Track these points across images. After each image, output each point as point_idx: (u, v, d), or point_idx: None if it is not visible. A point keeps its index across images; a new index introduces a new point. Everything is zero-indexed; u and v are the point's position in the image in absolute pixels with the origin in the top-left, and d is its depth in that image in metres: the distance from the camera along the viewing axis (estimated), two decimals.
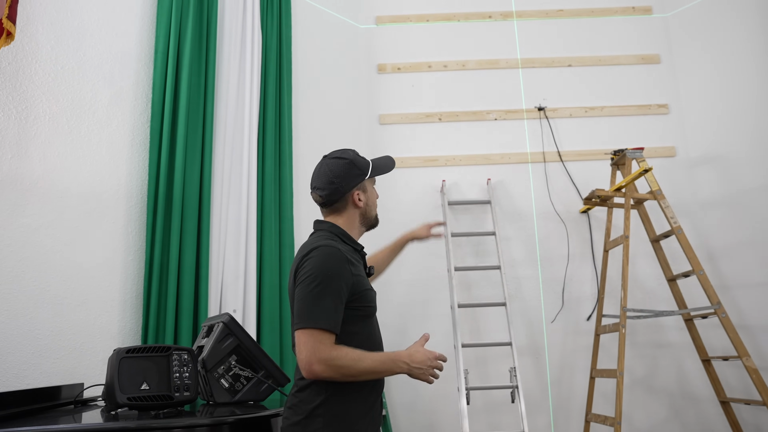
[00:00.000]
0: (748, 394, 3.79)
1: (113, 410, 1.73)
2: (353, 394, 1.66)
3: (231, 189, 3.31)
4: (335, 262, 1.65)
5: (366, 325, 1.74)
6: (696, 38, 4.30)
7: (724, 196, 4.03)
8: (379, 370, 1.64)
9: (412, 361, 1.65)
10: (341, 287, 1.63)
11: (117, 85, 3.08)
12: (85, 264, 2.81)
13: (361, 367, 1.60)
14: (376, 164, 1.91)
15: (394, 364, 1.64)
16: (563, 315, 4.01)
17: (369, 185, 1.90)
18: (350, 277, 1.66)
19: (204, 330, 2.16)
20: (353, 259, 1.74)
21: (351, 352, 1.60)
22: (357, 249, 1.82)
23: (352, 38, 4.37)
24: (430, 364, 1.66)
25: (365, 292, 1.71)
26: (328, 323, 1.59)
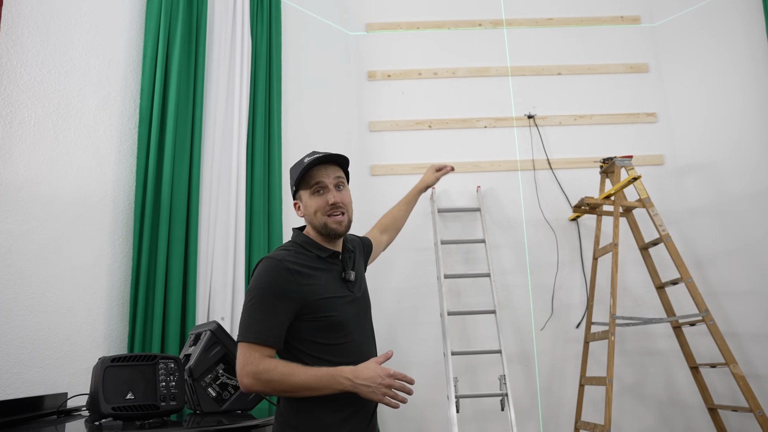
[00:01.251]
0: (735, 400, 3.80)
1: (97, 421, 1.70)
2: (325, 406, 1.60)
3: (220, 195, 3.28)
4: (271, 274, 1.61)
5: (336, 335, 1.65)
6: (684, 48, 4.33)
7: (711, 204, 4.06)
8: (314, 387, 1.54)
9: (356, 378, 1.53)
10: (278, 300, 1.58)
11: (105, 90, 3.04)
12: (70, 271, 2.77)
13: (292, 382, 1.53)
14: (301, 171, 1.74)
15: (333, 380, 1.54)
16: (552, 322, 4.01)
17: (304, 194, 1.76)
18: (292, 288, 1.60)
19: (191, 338, 2.13)
20: (304, 269, 1.65)
21: (282, 366, 1.55)
22: (322, 256, 1.72)
23: (342, 45, 4.36)
24: (381, 381, 1.52)
25: (320, 302, 1.63)
26: (258, 336, 1.56)
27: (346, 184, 1.81)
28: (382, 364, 1.58)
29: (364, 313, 1.78)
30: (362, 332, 1.74)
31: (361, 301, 1.77)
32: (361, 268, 1.88)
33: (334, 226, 1.71)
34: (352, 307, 1.71)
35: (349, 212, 1.77)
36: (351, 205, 1.79)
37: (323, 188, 1.72)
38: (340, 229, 1.72)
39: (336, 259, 1.75)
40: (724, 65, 4.12)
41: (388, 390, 1.53)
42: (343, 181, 1.78)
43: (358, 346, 1.69)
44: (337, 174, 1.76)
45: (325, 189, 1.72)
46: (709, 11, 4.24)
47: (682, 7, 4.37)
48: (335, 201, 1.70)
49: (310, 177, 1.73)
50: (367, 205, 4.10)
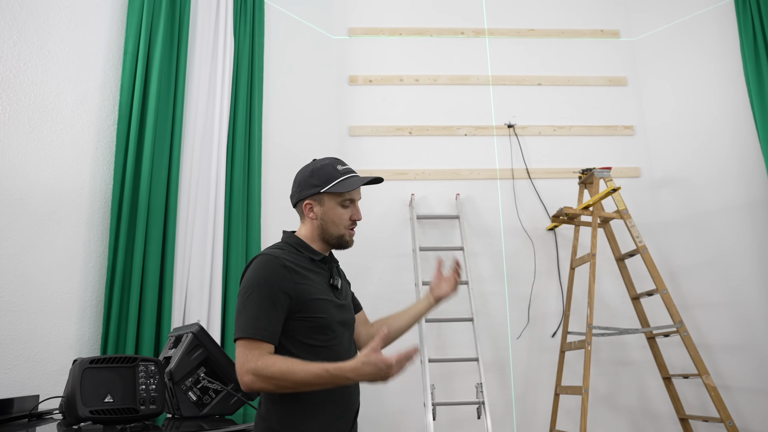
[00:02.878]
0: (705, 411, 3.86)
1: (74, 424, 1.64)
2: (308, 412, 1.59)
3: (198, 196, 3.22)
4: (268, 270, 1.61)
5: (324, 337, 1.65)
6: (661, 62, 4.42)
7: (685, 217, 4.13)
8: (316, 384, 1.52)
9: (359, 377, 1.50)
10: (274, 294, 1.58)
11: (83, 85, 2.97)
12: (43, 270, 2.69)
13: (293, 379, 1.51)
14: (340, 181, 1.75)
15: (335, 379, 1.52)
16: (528, 331, 4.03)
17: (329, 200, 1.75)
18: (289, 284, 1.60)
19: (171, 340, 2.08)
20: (299, 268, 1.66)
21: (282, 362, 1.53)
22: (315, 259, 1.73)
23: (324, 48, 4.35)
24: (386, 373, 1.48)
25: (313, 302, 1.63)
26: (257, 332, 1.55)
27: None
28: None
29: (350, 323, 1.79)
30: (347, 339, 1.75)
31: (347, 309, 1.78)
32: (345, 279, 1.89)
33: (349, 239, 1.77)
34: (340, 313, 1.72)
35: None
36: None
37: (352, 203, 1.78)
38: (351, 243, 1.78)
39: (326, 265, 1.78)
40: (700, 81, 4.21)
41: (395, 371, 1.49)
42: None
43: (344, 351, 1.70)
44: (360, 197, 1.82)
45: (353, 204, 1.78)
46: (686, 28, 4.33)
47: (660, 23, 4.46)
48: (359, 218, 1.78)
49: (349, 192, 1.76)
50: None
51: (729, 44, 4.12)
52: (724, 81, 4.11)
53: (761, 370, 3.75)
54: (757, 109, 3.79)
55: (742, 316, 3.85)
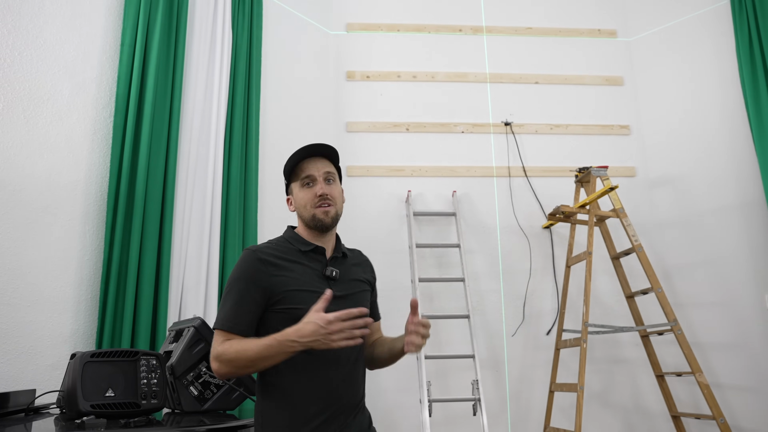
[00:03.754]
0: (696, 408, 3.89)
1: (75, 418, 1.61)
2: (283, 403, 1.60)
3: (195, 190, 3.19)
4: (244, 264, 1.64)
5: None
6: (658, 63, 4.44)
7: (680, 217, 4.16)
8: (267, 355, 1.53)
9: (301, 337, 1.49)
10: (247, 288, 1.61)
11: (79, 76, 2.93)
12: (38, 263, 2.65)
13: (247, 356, 1.53)
14: (290, 165, 1.78)
15: (282, 345, 1.51)
16: (523, 329, 4.04)
17: (294, 187, 1.77)
18: (262, 277, 1.61)
19: (171, 335, 2.05)
20: (281, 260, 1.66)
21: (237, 343, 1.56)
22: (303, 250, 1.71)
23: (322, 43, 4.32)
24: (324, 332, 1.47)
25: (291, 293, 1.62)
26: (223, 323, 1.60)
27: (337, 179, 1.80)
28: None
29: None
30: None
31: (344, 302, 1.70)
32: (356, 276, 1.80)
33: (321, 216, 1.70)
34: (329, 305, 1.62)
35: (338, 205, 1.75)
36: (340, 200, 1.78)
37: (312, 181, 1.73)
38: (326, 220, 1.71)
39: (320, 255, 1.73)
40: (696, 81, 4.24)
41: (337, 334, 1.48)
42: (332, 176, 1.77)
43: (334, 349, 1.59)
44: (327, 169, 1.76)
45: (314, 181, 1.73)
46: (682, 28, 4.35)
47: (657, 24, 4.48)
48: (323, 192, 1.71)
49: (300, 170, 1.75)
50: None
51: (725, 45, 4.14)
52: (719, 82, 4.14)
53: (753, 369, 3.78)
54: (751, 110, 3.82)
55: (735, 315, 3.88)
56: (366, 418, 1.75)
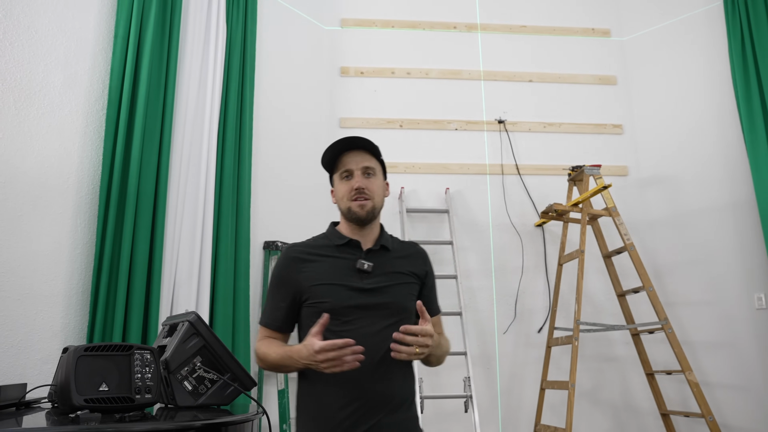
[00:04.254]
0: (685, 406, 3.92)
1: (68, 413, 1.59)
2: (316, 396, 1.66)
3: (188, 184, 3.17)
4: (279, 262, 1.77)
5: (334, 322, 1.62)
6: (651, 62, 4.46)
7: (671, 216, 4.18)
8: (283, 364, 1.66)
9: (300, 359, 1.57)
10: (279, 286, 1.74)
11: (72, 67, 2.90)
12: (28, 256, 2.62)
13: (270, 360, 1.69)
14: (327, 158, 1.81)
15: (292, 360, 1.62)
16: (515, 327, 4.05)
17: (336, 179, 1.81)
18: (292, 274, 1.72)
19: (165, 329, 2.03)
20: (313, 255, 1.74)
21: (266, 345, 1.71)
22: (337, 244, 1.75)
23: (316, 39, 4.30)
24: (315, 359, 1.51)
25: (317, 288, 1.67)
26: (262, 319, 1.78)
27: (378, 173, 1.79)
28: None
29: (375, 307, 1.68)
30: (373, 324, 1.65)
31: (377, 295, 1.69)
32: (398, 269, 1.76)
33: (356, 209, 1.72)
34: (357, 297, 1.65)
35: (376, 200, 1.75)
36: (380, 194, 1.78)
37: (350, 174, 1.75)
38: (361, 213, 1.72)
39: (355, 249, 1.74)
40: (688, 82, 4.26)
41: (328, 363, 1.50)
42: (372, 170, 1.76)
43: (368, 336, 1.61)
44: (366, 163, 1.75)
45: (351, 175, 1.75)
46: (675, 29, 4.38)
47: (650, 23, 4.50)
48: (359, 186, 1.72)
49: (340, 163, 1.78)
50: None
51: (717, 46, 4.17)
52: (711, 83, 4.16)
53: (741, 367, 3.81)
54: (743, 112, 3.85)
55: (724, 314, 3.91)
56: (409, 419, 1.69)
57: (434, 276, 1.92)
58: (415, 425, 1.71)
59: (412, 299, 1.75)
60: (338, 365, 1.50)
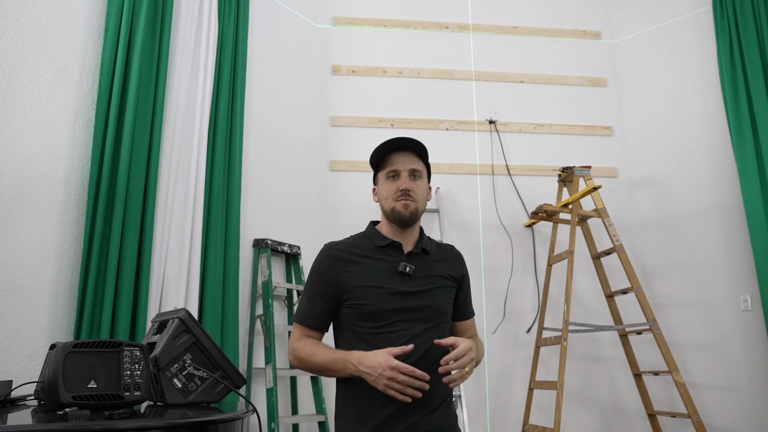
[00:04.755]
0: (671, 407, 3.95)
1: (55, 410, 1.58)
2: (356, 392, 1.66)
3: (178, 181, 3.15)
4: (318, 260, 1.75)
5: (373, 324, 1.65)
6: (641, 65, 4.49)
7: (659, 218, 4.21)
8: (329, 368, 1.63)
9: (360, 364, 1.55)
10: (319, 283, 1.72)
11: (61, 61, 2.87)
12: (15, 251, 2.59)
13: (314, 362, 1.65)
14: (375, 157, 1.80)
15: (343, 364, 1.60)
16: (504, 327, 4.06)
17: (380, 178, 1.79)
18: (333, 273, 1.70)
19: (154, 326, 2.02)
20: (355, 256, 1.72)
21: (311, 346, 1.67)
22: (379, 245, 1.74)
23: (307, 37, 4.29)
24: (382, 372, 1.50)
25: (358, 289, 1.67)
26: (298, 317, 1.74)
27: (423, 177, 1.80)
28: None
29: (415, 310, 1.69)
30: (411, 327, 1.66)
31: (414, 297, 1.69)
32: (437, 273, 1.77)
33: (400, 209, 1.72)
34: (398, 300, 1.66)
35: (419, 202, 1.75)
36: (423, 198, 1.78)
37: (397, 174, 1.75)
38: (405, 213, 1.72)
39: (396, 251, 1.74)
40: (677, 85, 4.29)
41: (390, 382, 1.51)
42: (419, 173, 1.77)
43: (406, 340, 1.62)
44: (414, 165, 1.76)
45: (398, 175, 1.75)
46: (666, 32, 4.41)
47: (641, 26, 4.53)
48: (406, 187, 1.72)
49: (387, 162, 1.77)
50: (326, 200, 4.06)
51: (706, 50, 4.20)
52: (700, 86, 4.20)
53: (727, 369, 3.85)
54: (731, 114, 3.88)
55: (711, 316, 3.94)
56: (448, 417, 1.71)
57: (470, 279, 1.92)
58: (452, 422, 1.72)
59: (450, 302, 1.79)
60: (398, 389, 1.50)
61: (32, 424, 1.44)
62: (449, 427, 1.71)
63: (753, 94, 3.82)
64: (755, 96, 3.81)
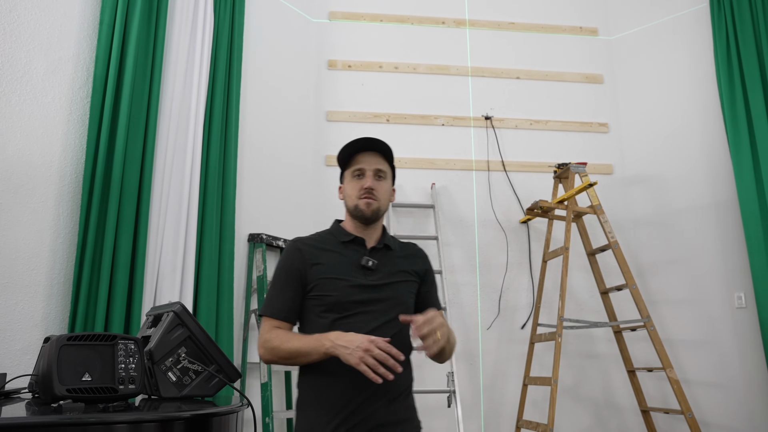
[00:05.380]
0: (665, 403, 3.97)
1: (50, 403, 1.57)
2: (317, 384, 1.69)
3: (173, 175, 3.14)
4: (285, 255, 1.80)
5: (336, 315, 1.70)
6: (637, 62, 4.49)
7: (654, 215, 4.22)
8: (304, 350, 1.65)
9: (338, 338, 1.59)
10: (287, 275, 1.76)
11: (55, 54, 2.85)
12: (9, 245, 2.57)
13: (288, 347, 1.67)
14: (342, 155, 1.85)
15: (318, 341, 1.62)
16: (498, 322, 4.07)
17: (347, 177, 1.84)
18: (300, 264, 1.75)
19: (149, 320, 2.01)
20: (320, 250, 1.77)
21: (283, 334, 1.71)
22: (342, 240, 1.81)
23: (304, 31, 4.28)
24: (360, 344, 1.54)
25: (323, 281, 1.72)
26: (267, 309, 1.77)
27: (388, 178, 1.85)
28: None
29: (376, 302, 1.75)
30: (373, 319, 1.71)
31: (379, 291, 1.76)
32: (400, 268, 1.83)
33: (362, 207, 1.78)
34: (361, 292, 1.73)
35: (381, 202, 1.81)
36: (386, 198, 1.84)
37: (362, 173, 1.80)
38: (367, 211, 1.78)
39: (359, 246, 1.81)
40: (674, 82, 4.30)
41: (365, 354, 1.53)
42: (383, 174, 1.83)
43: (363, 331, 1.67)
44: (379, 166, 1.82)
45: (363, 175, 1.80)
46: (662, 29, 4.41)
47: (637, 23, 4.53)
48: (370, 186, 1.77)
49: (354, 162, 1.82)
50: (321, 195, 4.05)
51: (703, 47, 4.21)
52: (696, 83, 4.21)
53: (720, 365, 3.87)
54: (727, 112, 3.89)
55: (705, 313, 3.96)
56: (407, 409, 1.75)
57: (434, 274, 1.97)
58: (411, 415, 1.76)
59: (412, 296, 1.84)
60: (372, 365, 1.52)
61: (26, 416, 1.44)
62: (409, 418, 1.74)
63: (749, 91, 3.83)
64: (751, 93, 3.82)
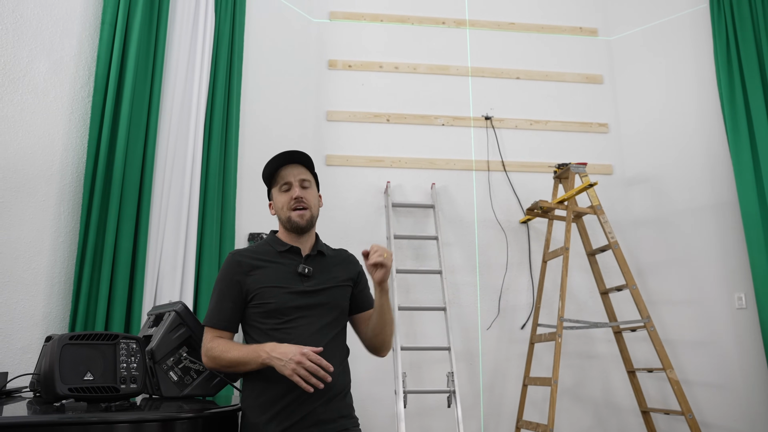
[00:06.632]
0: (665, 404, 3.98)
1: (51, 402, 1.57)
2: (258, 385, 1.75)
3: (174, 175, 3.14)
4: (225, 267, 1.84)
5: (276, 321, 1.77)
6: (637, 62, 4.50)
7: (654, 216, 4.23)
8: (243, 360, 1.70)
9: (273, 351, 1.66)
10: (226, 287, 1.80)
11: (57, 53, 2.85)
12: (10, 244, 2.58)
13: (228, 357, 1.72)
14: (264, 174, 1.95)
15: (256, 353, 1.69)
16: (498, 323, 4.07)
17: (274, 192, 1.93)
18: (239, 276, 1.80)
19: (151, 319, 2.01)
20: (258, 261, 1.83)
21: (224, 343, 1.75)
22: (279, 250, 1.87)
23: (304, 31, 4.28)
24: (292, 357, 1.62)
25: (263, 290, 1.78)
26: (209, 320, 1.81)
27: (313, 185, 1.95)
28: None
29: (315, 307, 1.83)
30: (311, 324, 1.79)
31: (316, 296, 1.83)
32: (335, 274, 1.91)
33: (296, 219, 1.85)
34: (299, 298, 1.80)
35: (313, 209, 1.90)
36: (316, 204, 1.93)
37: (289, 186, 1.89)
38: (301, 222, 1.86)
39: (295, 255, 1.87)
40: (674, 82, 4.30)
41: (297, 366, 1.61)
42: (308, 182, 1.92)
43: (306, 335, 1.76)
44: (303, 176, 1.91)
45: (291, 187, 1.88)
46: (662, 30, 4.42)
47: (637, 24, 4.54)
48: (298, 195, 1.86)
49: (279, 177, 1.91)
50: (321, 195, 4.05)
51: (703, 48, 4.21)
52: (696, 84, 4.21)
53: (721, 366, 3.87)
54: (727, 113, 3.90)
55: (705, 313, 3.96)
56: (344, 407, 1.83)
57: (366, 275, 2.03)
58: (348, 412, 1.84)
59: (347, 299, 1.93)
60: (304, 376, 1.61)
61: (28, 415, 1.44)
62: (346, 416, 1.82)
63: (749, 91, 3.83)
64: (751, 94, 3.83)
